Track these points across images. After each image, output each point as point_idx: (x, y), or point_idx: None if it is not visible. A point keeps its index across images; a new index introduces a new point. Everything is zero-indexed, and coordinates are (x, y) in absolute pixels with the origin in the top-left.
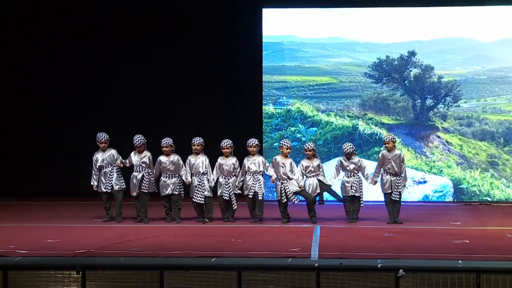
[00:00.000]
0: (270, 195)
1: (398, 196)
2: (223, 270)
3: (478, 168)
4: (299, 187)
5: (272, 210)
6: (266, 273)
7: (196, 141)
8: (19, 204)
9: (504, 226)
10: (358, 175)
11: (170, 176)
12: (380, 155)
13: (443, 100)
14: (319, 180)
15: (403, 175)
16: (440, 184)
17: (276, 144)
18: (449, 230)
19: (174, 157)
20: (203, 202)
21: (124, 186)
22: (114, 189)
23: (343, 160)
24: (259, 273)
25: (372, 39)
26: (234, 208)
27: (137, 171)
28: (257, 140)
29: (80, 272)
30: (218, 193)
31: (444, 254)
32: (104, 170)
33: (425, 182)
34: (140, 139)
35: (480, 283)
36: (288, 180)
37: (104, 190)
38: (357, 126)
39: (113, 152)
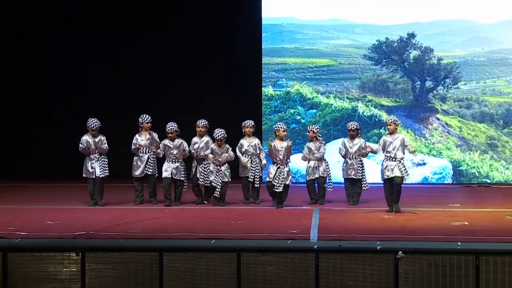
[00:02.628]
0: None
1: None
2: (222, 252)
3: (477, 150)
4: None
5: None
6: (266, 255)
7: (201, 123)
8: (19, 186)
9: (503, 208)
10: (360, 158)
11: (173, 160)
12: (381, 139)
13: (442, 82)
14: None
15: (402, 160)
16: (440, 166)
17: None
18: (448, 212)
19: (179, 142)
20: (208, 185)
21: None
22: (101, 176)
23: (346, 142)
24: (259, 255)
25: (372, 21)
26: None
27: (143, 152)
28: (253, 121)
29: (80, 254)
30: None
31: (443, 236)
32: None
33: (424, 164)
34: (147, 117)
35: (479, 264)
36: (286, 166)
37: (99, 176)
38: (356, 108)
39: (102, 138)
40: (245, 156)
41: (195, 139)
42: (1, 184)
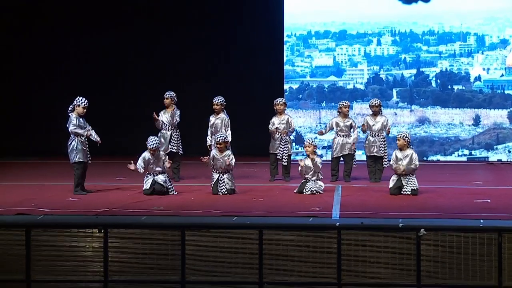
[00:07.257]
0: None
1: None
2: (244, 229)
3: None
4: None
5: (294, 169)
6: (288, 232)
7: (216, 100)
8: (40, 163)
9: None
10: (382, 135)
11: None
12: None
13: None
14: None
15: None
16: None
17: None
18: (470, 189)
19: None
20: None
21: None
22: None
23: (369, 119)
24: (280, 232)
25: None
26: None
27: (166, 129)
28: (284, 99)
29: (102, 231)
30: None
31: (465, 213)
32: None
33: None
34: (168, 94)
35: (502, 242)
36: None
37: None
38: None
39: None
40: (276, 134)
41: (211, 117)
42: (23, 161)
